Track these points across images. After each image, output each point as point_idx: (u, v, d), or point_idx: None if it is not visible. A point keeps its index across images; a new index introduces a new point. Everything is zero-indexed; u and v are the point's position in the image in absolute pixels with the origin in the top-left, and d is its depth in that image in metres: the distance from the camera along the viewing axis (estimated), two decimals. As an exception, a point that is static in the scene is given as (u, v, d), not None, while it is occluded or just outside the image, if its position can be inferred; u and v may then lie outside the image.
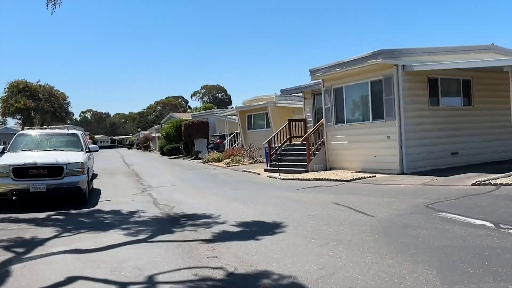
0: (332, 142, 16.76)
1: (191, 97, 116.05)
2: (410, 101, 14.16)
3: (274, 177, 15.97)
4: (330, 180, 13.80)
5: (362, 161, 15.39)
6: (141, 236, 7.31)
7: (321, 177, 14.36)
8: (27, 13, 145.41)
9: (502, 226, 6.49)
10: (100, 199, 12.00)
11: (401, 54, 14.55)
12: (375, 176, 13.85)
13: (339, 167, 16.38)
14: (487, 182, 10.70)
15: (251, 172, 18.90)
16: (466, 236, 6.06)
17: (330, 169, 16.61)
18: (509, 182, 10.38)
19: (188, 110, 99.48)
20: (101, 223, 8.67)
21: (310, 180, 14.32)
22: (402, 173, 13.85)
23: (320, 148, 17.06)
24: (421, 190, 10.71)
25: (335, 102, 16.53)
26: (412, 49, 15.05)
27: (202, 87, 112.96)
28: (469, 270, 4.66)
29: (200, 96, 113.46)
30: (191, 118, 40.13)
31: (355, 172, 15.06)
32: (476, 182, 10.77)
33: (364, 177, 13.68)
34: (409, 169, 13.93)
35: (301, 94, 21.17)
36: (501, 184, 10.40)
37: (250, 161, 24.24)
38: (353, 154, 15.77)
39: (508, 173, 11.62)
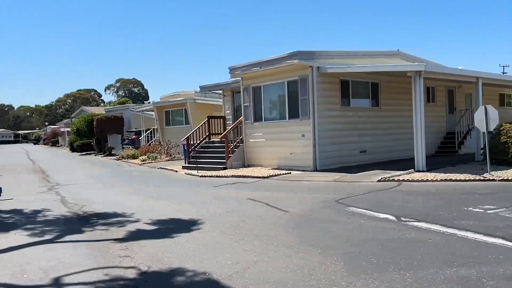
0: (250, 140, 17.00)
1: (105, 90, 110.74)
2: (324, 101, 14.80)
3: (192, 174, 15.82)
4: (248, 177, 13.99)
5: (278, 159, 15.80)
6: (47, 237, 6.85)
7: (239, 174, 14.50)
8: None
9: (403, 219, 7.04)
10: None
11: (316, 56, 15.17)
12: (290, 173, 14.29)
13: (257, 164, 16.66)
14: (391, 178, 11.54)
15: (168, 169, 18.55)
16: (372, 229, 6.48)
17: (249, 166, 16.84)
18: (410, 179, 11.30)
19: (102, 104, 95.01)
20: (0, 223, 7.98)
21: (228, 177, 14.40)
22: (316, 170, 14.45)
23: (239, 145, 17.22)
24: (332, 186, 11.25)
25: (254, 101, 16.77)
26: (327, 51, 15.74)
27: (117, 81, 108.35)
28: (373, 260, 4.99)
29: (115, 90, 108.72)
30: (104, 112, 38.34)
31: (272, 169, 15.41)
32: (382, 178, 11.57)
33: (280, 174, 14.05)
34: (322, 166, 14.57)
35: (220, 91, 21.19)
36: (403, 180, 11.28)
37: (167, 158, 23.77)
38: (271, 152, 16.14)
39: (409, 170, 12.63)
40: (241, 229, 6.87)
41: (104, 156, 31.43)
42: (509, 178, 10.71)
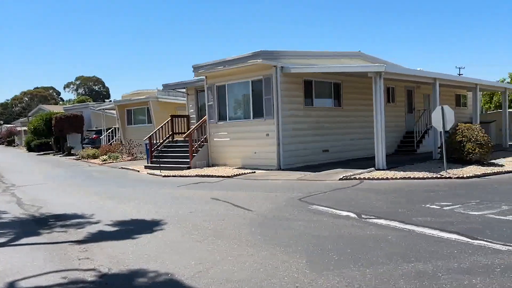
0: (214, 139, 16.92)
1: (64, 88, 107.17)
2: (288, 101, 14.94)
3: (155, 174, 15.59)
4: (212, 176, 13.92)
5: (243, 158, 15.81)
6: (1, 240, 6.58)
7: (203, 174, 14.40)
8: None
9: (363, 216, 7.20)
10: (-50, 200, 10.51)
11: (280, 56, 15.27)
12: (255, 172, 14.33)
13: (221, 163, 16.61)
14: (352, 177, 11.78)
15: (130, 169, 18.20)
16: (334, 226, 6.59)
17: (213, 165, 16.76)
18: (371, 177, 11.58)
19: (61, 102, 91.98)
20: (-50, 227, 7.59)
21: (192, 176, 14.28)
22: (280, 169, 14.56)
23: (203, 144, 17.10)
24: (296, 184, 11.37)
25: (218, 100, 16.71)
26: (290, 51, 15.89)
27: (77, 78, 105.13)
28: (335, 257, 5.08)
29: (75, 87, 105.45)
30: (63, 111, 37.14)
31: (236, 168, 15.41)
32: (343, 177, 11.80)
33: (245, 173, 14.07)
34: (286, 165, 14.70)
35: (184, 90, 20.98)
36: (364, 178, 11.55)
37: (129, 158, 23.31)
38: (235, 151, 16.12)
39: (370, 168, 12.94)
40: (204, 229, 6.83)
41: (63, 156, 30.47)
42: (464, 175, 11.17)
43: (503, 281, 4.09)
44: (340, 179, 11.66)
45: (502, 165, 12.95)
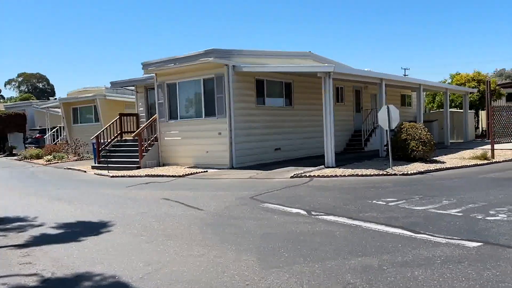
0: (165, 138, 16.64)
1: (5, 85, 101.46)
2: (240, 100, 14.95)
3: (103, 175, 15.11)
4: (163, 176, 13.68)
5: (195, 157, 15.66)
6: None
7: (153, 174, 14.13)
8: None
9: (313, 213, 7.33)
10: None
11: (232, 55, 15.25)
12: (207, 171, 14.23)
13: (172, 163, 16.36)
14: (303, 174, 11.97)
15: (76, 169, 17.54)
16: (284, 224, 6.67)
17: (164, 165, 16.47)
18: (321, 174, 11.83)
19: (1, 100, 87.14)
20: None
21: (141, 176, 13.96)
22: (232, 168, 14.55)
23: (153, 144, 16.77)
24: (247, 183, 11.40)
25: (169, 98, 16.44)
26: (242, 50, 15.91)
27: (19, 75, 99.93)
28: (285, 254, 5.13)
29: (17, 85, 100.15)
30: (4, 109, 35.21)
31: (188, 167, 15.23)
32: (294, 175, 11.97)
33: (196, 172, 13.94)
34: (238, 164, 14.71)
35: (133, 87, 20.46)
36: (314, 176, 11.78)
37: (75, 158, 22.45)
38: (187, 150, 15.94)
39: (320, 166, 13.21)
40: (154, 229, 6.69)
41: (4, 156, 28.88)
42: (409, 172, 11.65)
43: (442, 271, 4.29)
44: (291, 177, 11.81)
45: (443, 162, 13.62)
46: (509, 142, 18.12)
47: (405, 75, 51.22)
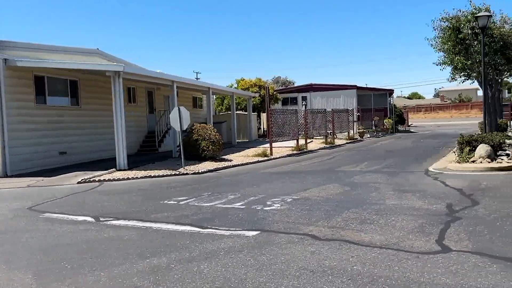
0: None
1: None
2: (15, 98, 13.14)
3: None
4: None
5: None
6: None
7: None
8: None
9: (101, 219, 6.95)
10: None
11: (4, 47, 13.30)
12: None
13: None
14: (92, 179, 11.27)
15: None
16: (68, 233, 6.12)
17: None
18: (112, 178, 11.34)
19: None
20: None
21: None
22: (6, 175, 12.66)
23: None
24: (26, 192, 10.12)
25: None
26: (18, 43, 14.06)
27: None
28: (67, 266, 4.70)
29: None
30: None
31: None
32: (82, 180, 11.16)
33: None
34: (15, 170, 12.91)
35: None
36: (105, 180, 11.22)
37: None
38: None
39: (111, 169, 12.66)
40: None
41: None
42: (200, 171, 12.18)
43: (225, 262, 4.59)
44: (78, 183, 10.98)
45: (231, 160, 14.70)
46: (283, 141, 20.70)
47: (197, 78, 53.52)
